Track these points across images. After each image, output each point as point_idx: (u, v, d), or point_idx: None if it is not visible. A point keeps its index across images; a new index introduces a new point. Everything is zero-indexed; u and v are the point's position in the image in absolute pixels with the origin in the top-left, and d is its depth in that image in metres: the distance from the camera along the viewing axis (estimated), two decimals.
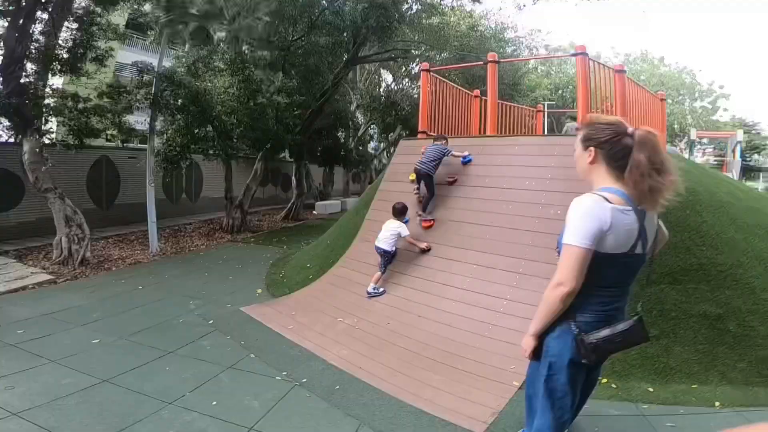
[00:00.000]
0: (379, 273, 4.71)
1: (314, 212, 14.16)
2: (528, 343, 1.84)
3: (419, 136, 6.32)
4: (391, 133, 18.91)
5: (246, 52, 8.82)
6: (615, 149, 1.68)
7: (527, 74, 14.60)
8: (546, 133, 9.42)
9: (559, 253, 1.81)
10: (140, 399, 2.77)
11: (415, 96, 16.17)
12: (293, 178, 12.33)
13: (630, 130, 1.67)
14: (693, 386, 3.10)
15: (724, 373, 3.20)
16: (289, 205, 12.17)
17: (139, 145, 10.90)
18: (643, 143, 1.61)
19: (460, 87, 7.15)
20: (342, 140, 14.77)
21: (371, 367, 3.35)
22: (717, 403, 2.87)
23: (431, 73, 6.31)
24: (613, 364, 3.42)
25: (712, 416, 2.73)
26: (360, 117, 14.64)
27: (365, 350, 3.65)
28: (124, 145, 10.18)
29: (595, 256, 1.63)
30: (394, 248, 4.74)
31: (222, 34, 9.94)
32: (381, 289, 4.65)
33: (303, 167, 12.39)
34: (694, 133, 18.93)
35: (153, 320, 4.34)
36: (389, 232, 4.74)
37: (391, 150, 21.14)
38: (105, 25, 7.00)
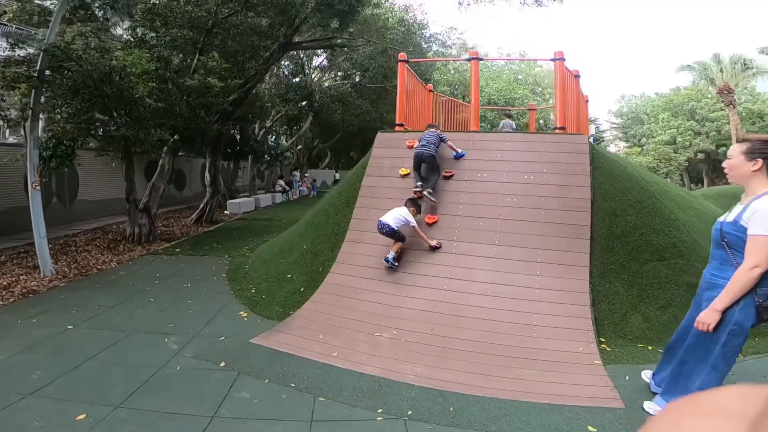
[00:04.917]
0: (399, 243, 4.63)
1: (226, 212, 12.51)
2: (714, 317, 2.21)
3: (397, 128, 6.09)
4: (296, 126, 17.89)
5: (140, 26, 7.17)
6: None
7: (436, 70, 15.38)
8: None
9: (724, 240, 2.26)
10: None
11: (324, 87, 15.57)
12: (207, 174, 10.61)
13: None
14: None
15: None
16: (202, 205, 10.44)
17: None
18: None
19: (420, 81, 7.11)
20: (250, 131, 13.31)
21: (460, 378, 3.12)
22: None
23: (408, 65, 6.11)
24: (645, 333, 3.93)
25: (741, 365, 3.31)
26: (271, 108, 13.37)
27: (436, 362, 3.38)
28: None
29: None
30: (398, 228, 4.59)
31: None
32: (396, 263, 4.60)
33: (218, 162, 10.76)
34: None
35: (136, 374, 3.21)
36: (397, 215, 4.60)
37: (296, 144, 20.05)
38: None
